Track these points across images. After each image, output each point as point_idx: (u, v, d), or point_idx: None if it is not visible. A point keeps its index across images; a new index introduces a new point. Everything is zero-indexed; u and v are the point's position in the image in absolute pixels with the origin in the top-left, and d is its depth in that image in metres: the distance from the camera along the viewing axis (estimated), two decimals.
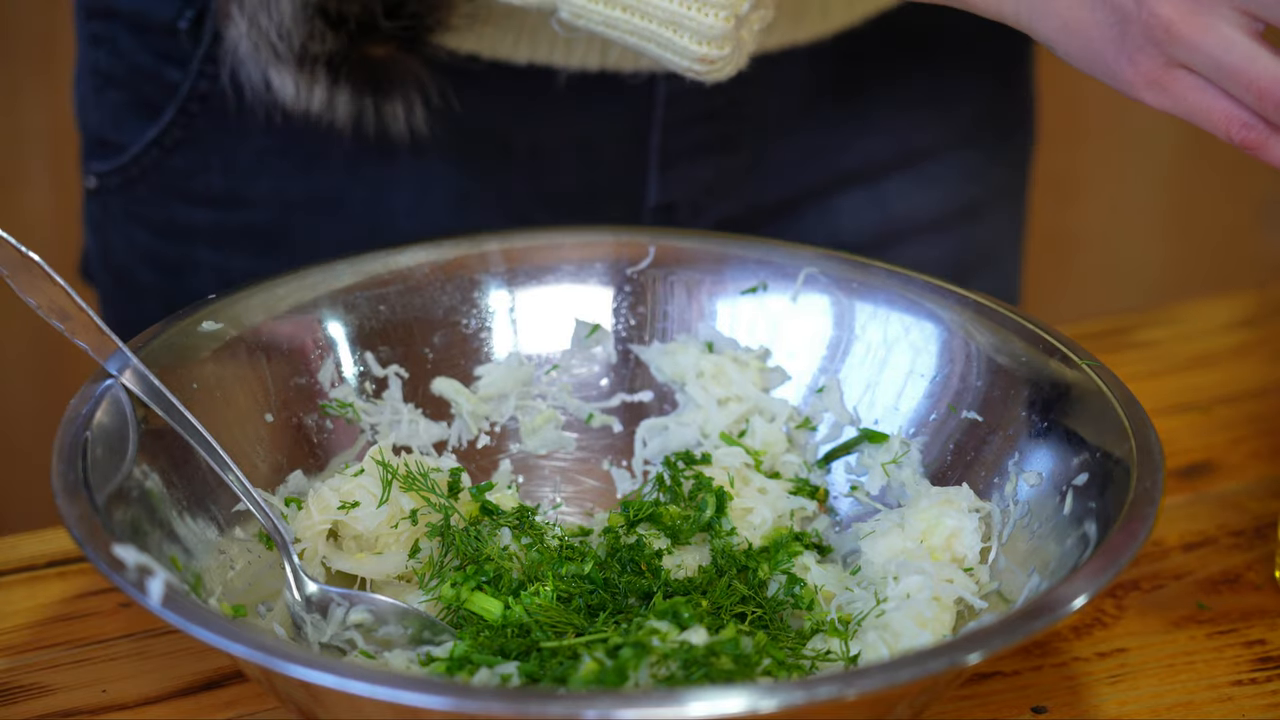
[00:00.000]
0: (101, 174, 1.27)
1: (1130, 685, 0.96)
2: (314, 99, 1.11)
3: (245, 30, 1.09)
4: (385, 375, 1.05)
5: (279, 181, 1.22)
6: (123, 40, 1.23)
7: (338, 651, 0.93)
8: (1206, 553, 1.07)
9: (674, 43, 1.00)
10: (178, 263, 1.26)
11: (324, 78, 1.10)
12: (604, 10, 1.00)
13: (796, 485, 1.04)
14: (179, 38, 1.19)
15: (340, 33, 1.08)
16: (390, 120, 1.14)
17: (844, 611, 0.95)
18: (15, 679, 0.95)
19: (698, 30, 0.99)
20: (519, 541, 0.97)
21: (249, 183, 1.23)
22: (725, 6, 0.98)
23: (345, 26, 1.08)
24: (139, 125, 1.24)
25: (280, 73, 1.10)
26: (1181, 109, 0.91)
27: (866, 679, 0.77)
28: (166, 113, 1.22)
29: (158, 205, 1.25)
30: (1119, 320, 1.32)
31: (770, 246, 1.09)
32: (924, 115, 1.31)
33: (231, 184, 1.23)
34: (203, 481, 0.95)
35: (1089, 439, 0.95)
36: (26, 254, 0.91)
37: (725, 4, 0.98)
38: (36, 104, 2.11)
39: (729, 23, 0.99)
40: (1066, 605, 0.82)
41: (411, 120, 1.14)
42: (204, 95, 1.20)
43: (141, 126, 1.23)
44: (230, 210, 1.24)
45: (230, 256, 1.24)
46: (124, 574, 0.81)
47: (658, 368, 1.08)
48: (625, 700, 0.76)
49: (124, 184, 1.26)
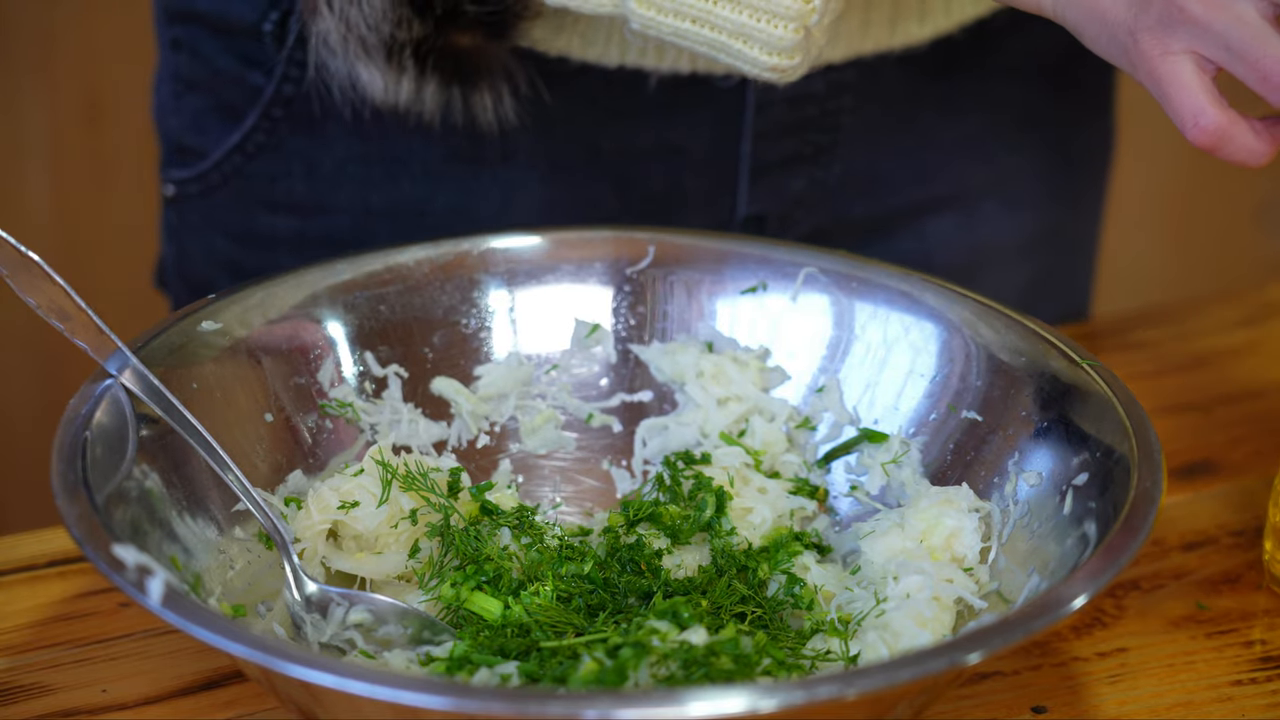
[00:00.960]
0: (180, 181, 1.26)
1: (1130, 685, 0.96)
2: (402, 91, 1.10)
3: (334, 23, 1.08)
4: (385, 375, 1.05)
5: (361, 189, 1.21)
6: (205, 44, 1.21)
7: (338, 651, 0.93)
8: (1206, 553, 1.07)
9: (744, 53, 1.00)
10: (258, 271, 1.25)
11: (411, 68, 1.09)
12: (673, 23, 1.00)
13: (796, 485, 1.04)
14: (263, 40, 1.18)
15: (426, 19, 1.07)
16: (479, 110, 1.12)
17: (844, 611, 0.95)
18: (15, 679, 0.95)
19: (767, 42, 0.99)
20: (519, 541, 0.97)
21: (331, 190, 1.22)
22: (794, 18, 0.98)
23: (430, 12, 1.07)
24: (221, 131, 1.22)
25: (368, 67, 1.09)
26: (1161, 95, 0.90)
27: (866, 679, 0.77)
28: (249, 118, 1.21)
29: (238, 213, 1.24)
30: (1119, 320, 1.32)
31: (770, 246, 1.09)
32: (1016, 137, 1.30)
33: (313, 191, 1.22)
34: (203, 481, 0.95)
35: (1089, 439, 0.95)
36: (26, 254, 0.91)
37: (794, 15, 0.98)
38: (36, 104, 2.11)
39: (798, 34, 0.98)
40: (1066, 605, 0.82)
41: (500, 111, 1.13)
42: (287, 100, 1.19)
43: (223, 132, 1.22)
44: (312, 218, 1.23)
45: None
46: (124, 574, 0.81)
47: (657, 367, 1.08)
48: (625, 700, 0.76)
49: (204, 191, 1.24)
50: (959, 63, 1.24)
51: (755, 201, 1.23)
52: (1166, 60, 0.90)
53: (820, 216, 1.25)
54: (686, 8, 0.99)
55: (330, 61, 1.10)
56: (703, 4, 0.99)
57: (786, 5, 0.98)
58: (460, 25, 1.08)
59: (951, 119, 1.27)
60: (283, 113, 1.20)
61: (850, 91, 1.20)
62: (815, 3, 0.98)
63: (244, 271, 1.25)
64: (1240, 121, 0.89)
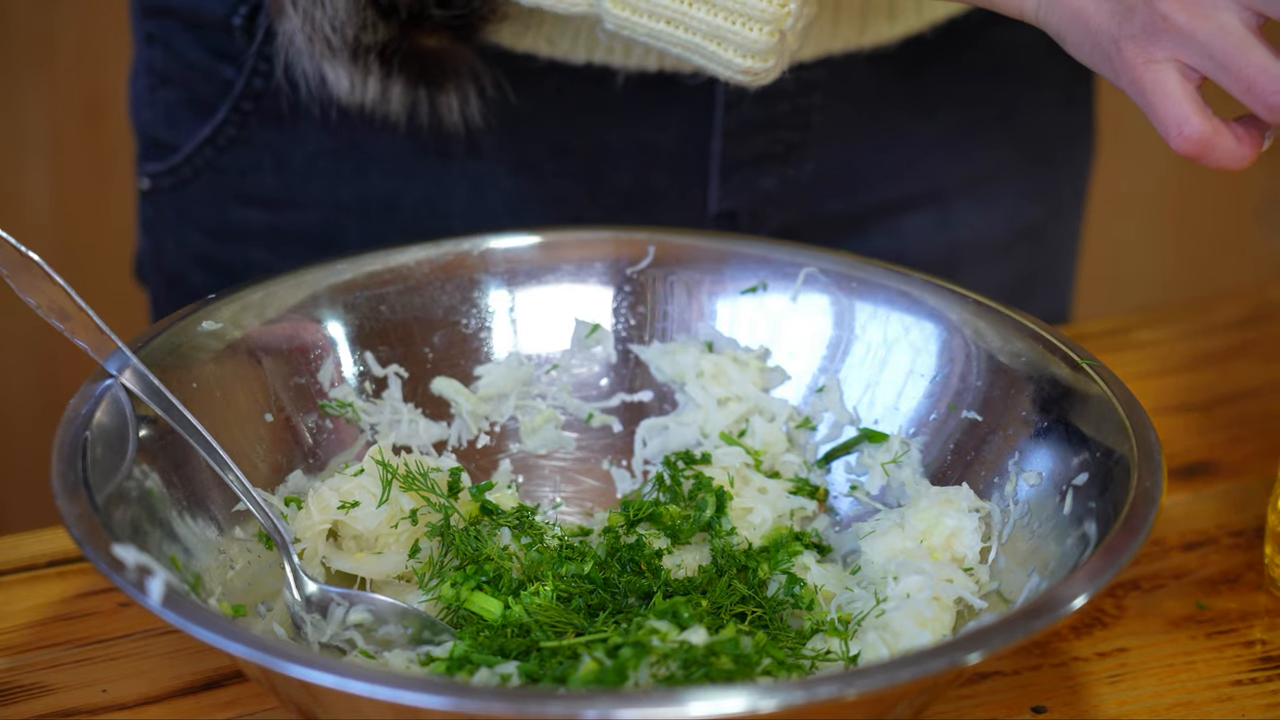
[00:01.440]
0: (155, 174, 1.26)
1: (1130, 685, 0.96)
2: (368, 91, 1.10)
3: (299, 24, 1.08)
4: (385, 375, 1.05)
5: (331, 183, 1.22)
6: (177, 38, 1.22)
7: (338, 651, 0.93)
8: (1206, 553, 1.07)
9: (718, 55, 1.00)
10: (230, 265, 1.25)
11: (377, 69, 1.09)
12: (648, 23, 1.00)
13: (796, 485, 1.04)
14: (233, 34, 1.19)
15: (391, 22, 1.08)
16: (445, 112, 1.13)
17: (844, 611, 0.95)
18: (15, 679, 0.95)
19: (741, 44, 0.99)
20: (519, 541, 0.97)
21: (302, 184, 1.22)
22: (770, 21, 0.98)
23: (396, 16, 1.07)
24: (192, 124, 1.23)
25: (334, 66, 1.09)
26: (1145, 104, 0.90)
27: (866, 679, 0.77)
28: (220, 111, 1.21)
29: (210, 206, 1.25)
30: (1119, 320, 1.32)
31: (770, 246, 1.09)
32: (992, 134, 1.30)
33: (284, 185, 1.22)
34: (203, 481, 0.95)
35: (1089, 439, 0.95)
36: (26, 254, 0.91)
37: (769, 18, 0.98)
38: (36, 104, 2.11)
39: (773, 37, 0.98)
40: (1066, 605, 0.82)
41: (466, 111, 1.13)
42: (257, 93, 1.19)
43: (195, 125, 1.23)
44: (283, 211, 1.23)
45: (283, 258, 1.23)
46: (124, 574, 0.81)
47: (658, 367, 1.08)
48: (625, 700, 0.76)
49: (177, 184, 1.25)
50: (930, 61, 1.24)
51: (726, 198, 1.23)
52: (1150, 69, 0.90)
53: (793, 213, 1.25)
54: (661, 9, 0.99)
55: (297, 61, 1.11)
56: (677, 5, 0.99)
57: (762, 9, 0.98)
58: (426, 29, 1.09)
59: (925, 117, 1.27)
60: (253, 106, 1.20)
61: (820, 90, 1.20)
62: (790, 6, 0.97)
63: (216, 264, 1.26)
64: (1223, 129, 0.89)
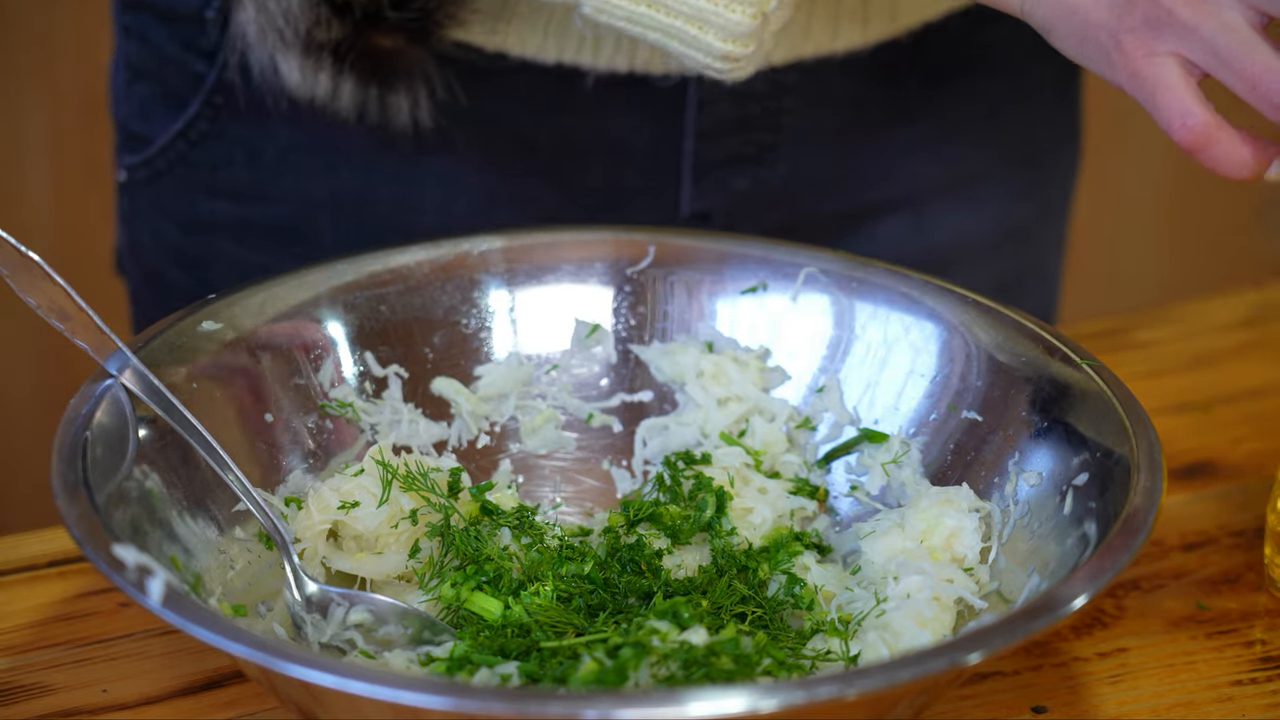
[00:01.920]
0: (130, 167, 1.27)
1: (1130, 685, 0.96)
2: (319, 86, 1.11)
3: (253, 14, 1.09)
4: (385, 375, 1.05)
5: (302, 178, 1.22)
6: (153, 31, 1.23)
7: (338, 651, 0.93)
8: (1206, 553, 1.07)
9: (698, 40, 0.99)
10: (201, 258, 1.26)
11: (329, 65, 1.10)
12: (628, 6, 0.99)
13: (796, 485, 1.04)
14: (206, 28, 1.19)
15: (345, 20, 1.08)
16: (394, 112, 1.13)
17: (844, 611, 0.95)
18: (15, 679, 0.95)
19: (724, 27, 0.98)
20: (519, 541, 0.97)
21: (273, 178, 1.22)
22: (752, 3, 0.97)
23: (350, 14, 1.08)
24: (166, 118, 1.23)
25: (286, 58, 1.10)
26: (1145, 97, 0.90)
27: (866, 679, 0.77)
28: (192, 105, 1.22)
29: (183, 199, 1.25)
30: (1119, 320, 1.32)
31: (770, 246, 1.08)
32: (975, 137, 1.29)
33: (255, 178, 1.22)
34: (203, 481, 0.95)
35: (1089, 439, 0.95)
36: (26, 254, 0.91)
37: (752, 0, 0.97)
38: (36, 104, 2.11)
39: (755, 20, 0.98)
40: (1066, 605, 0.82)
41: (416, 113, 1.13)
42: (229, 87, 1.19)
43: (168, 119, 1.23)
44: (254, 205, 1.23)
45: (253, 252, 1.24)
46: (124, 574, 0.81)
47: (658, 368, 1.08)
48: (625, 700, 0.76)
49: (151, 177, 1.26)
50: (906, 66, 1.23)
51: (699, 199, 1.23)
52: (1151, 62, 0.89)
53: (766, 216, 1.25)
54: None
55: (249, 53, 1.11)
56: None
57: None
58: (381, 29, 1.09)
59: (900, 121, 1.26)
60: (224, 100, 1.20)
61: (792, 93, 1.20)
62: None
63: (188, 258, 1.26)
64: (1226, 126, 0.89)
